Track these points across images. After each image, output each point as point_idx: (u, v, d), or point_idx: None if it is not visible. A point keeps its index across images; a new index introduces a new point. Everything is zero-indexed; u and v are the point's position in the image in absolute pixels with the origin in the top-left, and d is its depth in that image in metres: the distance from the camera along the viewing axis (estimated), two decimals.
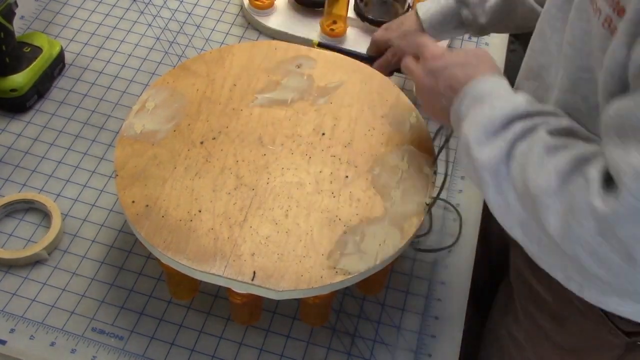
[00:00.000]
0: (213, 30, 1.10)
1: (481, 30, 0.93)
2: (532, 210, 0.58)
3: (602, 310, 0.71)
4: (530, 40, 0.73)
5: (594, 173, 0.54)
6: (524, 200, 0.59)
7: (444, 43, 1.09)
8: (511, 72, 0.83)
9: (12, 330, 0.78)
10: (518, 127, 0.61)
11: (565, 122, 0.62)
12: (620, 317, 0.70)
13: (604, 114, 0.55)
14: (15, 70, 0.94)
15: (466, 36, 1.13)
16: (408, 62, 0.77)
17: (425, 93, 0.74)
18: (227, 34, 1.09)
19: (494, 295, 0.94)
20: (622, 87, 0.55)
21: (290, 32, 1.08)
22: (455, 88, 0.69)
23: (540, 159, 0.58)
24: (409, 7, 1.07)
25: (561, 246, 0.56)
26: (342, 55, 0.91)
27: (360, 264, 0.71)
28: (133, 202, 0.74)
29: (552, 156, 0.58)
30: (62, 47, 1.01)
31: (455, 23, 0.93)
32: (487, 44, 1.12)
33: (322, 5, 1.07)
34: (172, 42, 1.07)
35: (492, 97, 0.65)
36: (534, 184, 0.57)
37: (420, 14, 0.93)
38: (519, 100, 0.64)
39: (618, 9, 0.54)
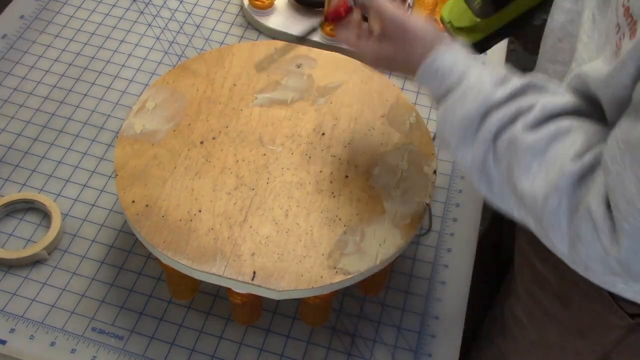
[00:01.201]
0: (213, 30, 1.10)
1: None
2: (536, 221, 0.58)
3: (607, 291, 0.71)
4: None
5: (596, 208, 0.53)
6: (521, 203, 0.59)
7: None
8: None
9: (12, 330, 0.78)
10: (494, 121, 0.60)
11: (538, 107, 0.60)
12: (625, 299, 0.70)
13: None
14: None
15: None
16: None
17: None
18: (227, 33, 1.09)
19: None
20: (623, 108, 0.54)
21: (290, 32, 1.08)
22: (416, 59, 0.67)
23: (528, 168, 0.57)
24: (409, 7, 1.07)
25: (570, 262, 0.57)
26: (342, 55, 0.91)
27: (360, 263, 0.71)
28: (133, 202, 0.74)
29: (542, 165, 0.57)
30: None
31: None
32: None
33: (322, 5, 1.07)
34: (172, 42, 1.07)
35: (461, 84, 0.64)
36: (530, 195, 0.57)
37: None
38: (488, 86, 0.62)
39: (631, 24, 0.52)
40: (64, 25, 1.08)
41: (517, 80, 0.62)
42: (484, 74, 0.63)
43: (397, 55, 0.69)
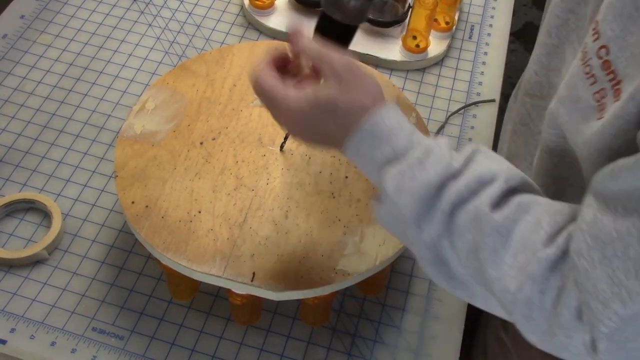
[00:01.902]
0: (213, 30, 1.10)
1: None
2: (504, 309, 0.53)
3: None
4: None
5: (572, 306, 0.47)
6: (488, 289, 0.54)
7: (444, 44, 1.09)
8: (511, 71, 0.83)
9: (12, 330, 0.78)
10: (453, 192, 0.54)
11: (501, 178, 0.53)
12: None
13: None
14: None
15: (467, 36, 1.13)
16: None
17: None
18: (228, 33, 1.09)
19: None
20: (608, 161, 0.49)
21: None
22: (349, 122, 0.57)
23: (494, 250, 0.51)
24: (410, 7, 1.07)
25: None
26: None
27: (360, 264, 0.71)
28: (133, 202, 0.74)
29: (509, 249, 0.51)
30: None
31: None
32: (487, 44, 1.12)
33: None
34: (173, 42, 1.07)
35: (418, 146, 0.56)
36: (499, 283, 0.51)
37: None
38: (446, 150, 0.55)
39: (614, 83, 0.48)
40: (65, 25, 1.08)
41: (467, 147, 0.57)
42: (439, 140, 0.57)
43: (337, 100, 0.57)
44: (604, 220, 0.45)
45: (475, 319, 0.97)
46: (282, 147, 0.79)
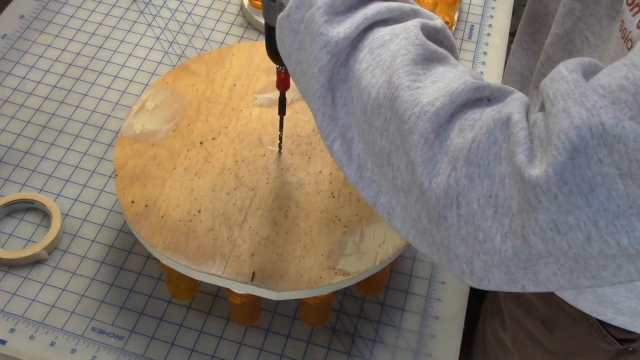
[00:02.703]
0: (213, 30, 1.10)
1: None
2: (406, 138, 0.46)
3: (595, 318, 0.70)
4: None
5: (518, 117, 0.42)
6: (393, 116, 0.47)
7: None
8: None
9: (12, 330, 0.78)
10: (383, 5, 0.49)
11: (439, 20, 0.51)
12: (613, 325, 0.69)
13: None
14: None
15: (466, 36, 1.13)
16: None
17: None
18: (227, 33, 1.09)
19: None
20: None
21: None
22: None
23: (414, 64, 0.46)
24: None
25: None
26: None
27: (359, 264, 0.71)
28: (132, 202, 0.74)
29: (436, 76, 0.46)
30: None
31: None
32: (487, 44, 1.12)
33: None
34: (172, 42, 1.07)
35: None
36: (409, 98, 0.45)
37: None
38: None
39: None
40: (64, 25, 1.08)
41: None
42: None
43: None
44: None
45: (474, 318, 0.97)
46: (280, 148, 0.79)
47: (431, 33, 0.50)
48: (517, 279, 0.44)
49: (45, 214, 0.87)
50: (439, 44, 0.50)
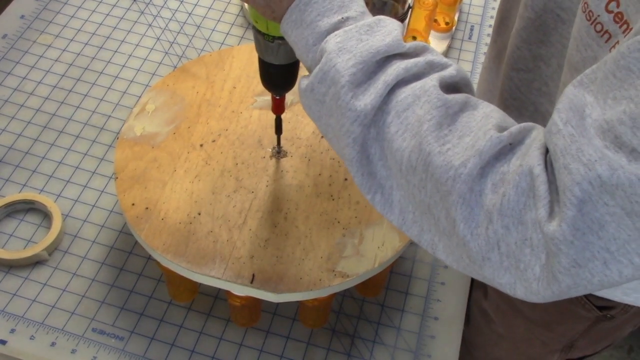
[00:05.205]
0: (213, 30, 1.10)
1: None
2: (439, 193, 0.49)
3: None
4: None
5: (539, 171, 0.46)
6: (425, 173, 0.50)
7: (444, 45, 1.09)
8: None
9: (12, 331, 0.78)
10: (400, 66, 0.52)
11: (453, 66, 0.53)
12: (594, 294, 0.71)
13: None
14: None
15: (466, 36, 1.13)
16: None
17: None
18: (228, 34, 1.09)
19: None
20: None
21: None
22: None
23: (438, 126, 0.49)
24: (409, 7, 1.07)
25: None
26: None
27: (358, 266, 0.71)
28: (133, 204, 0.74)
29: (453, 130, 0.49)
30: None
31: None
32: (487, 44, 1.12)
33: None
34: (173, 43, 1.07)
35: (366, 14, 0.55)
36: (442, 160, 0.48)
37: None
38: (398, 30, 0.54)
39: (626, 31, 0.48)
40: (65, 25, 1.08)
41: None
42: (394, 21, 0.56)
43: None
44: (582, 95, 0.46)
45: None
46: (279, 152, 0.79)
47: (449, 83, 0.53)
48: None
49: (45, 215, 0.87)
50: (457, 90, 0.53)
